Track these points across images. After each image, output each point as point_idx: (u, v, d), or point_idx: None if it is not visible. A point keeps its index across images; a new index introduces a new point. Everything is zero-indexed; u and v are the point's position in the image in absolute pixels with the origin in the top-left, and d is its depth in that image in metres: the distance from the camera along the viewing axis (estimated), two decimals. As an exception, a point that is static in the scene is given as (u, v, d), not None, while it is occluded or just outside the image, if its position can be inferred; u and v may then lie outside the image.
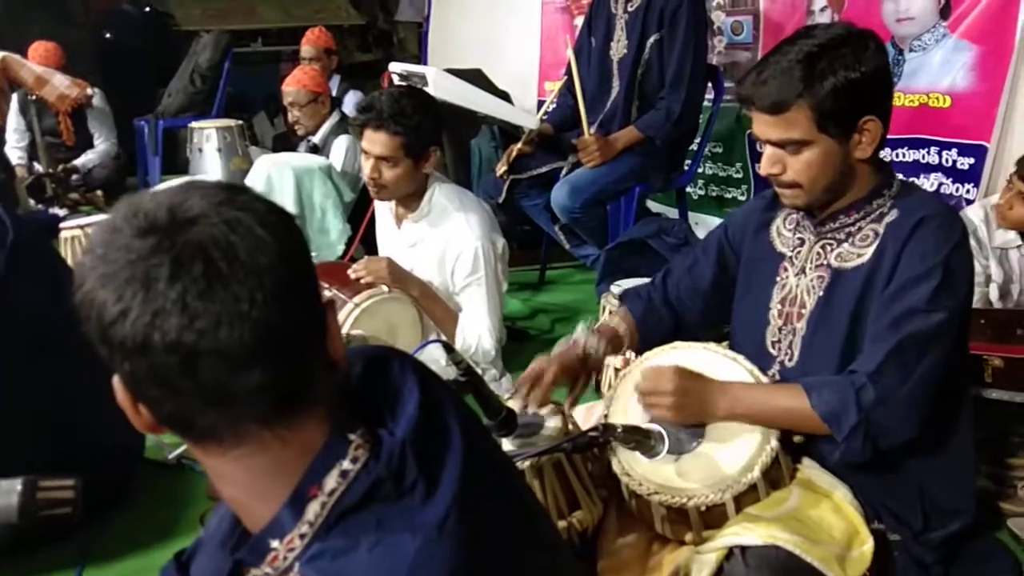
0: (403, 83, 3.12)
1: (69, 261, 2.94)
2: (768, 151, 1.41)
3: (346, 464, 0.69)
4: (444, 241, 2.40)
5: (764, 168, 1.42)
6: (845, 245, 1.44)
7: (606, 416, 1.48)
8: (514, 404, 1.47)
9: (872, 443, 1.33)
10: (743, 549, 1.26)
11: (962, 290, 1.38)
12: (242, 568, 0.72)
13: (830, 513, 1.36)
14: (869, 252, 1.41)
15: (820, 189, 1.40)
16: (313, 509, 0.68)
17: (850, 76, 1.32)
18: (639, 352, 1.64)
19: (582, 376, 1.56)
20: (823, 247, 1.47)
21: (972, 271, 1.41)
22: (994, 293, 2.24)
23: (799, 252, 1.51)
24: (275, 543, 0.68)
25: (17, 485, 0.93)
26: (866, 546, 1.33)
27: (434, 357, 1.66)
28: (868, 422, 1.31)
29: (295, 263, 0.66)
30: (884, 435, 1.33)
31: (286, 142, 4.43)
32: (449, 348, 1.35)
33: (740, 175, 3.66)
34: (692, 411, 1.38)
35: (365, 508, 0.68)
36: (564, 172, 3.07)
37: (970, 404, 1.51)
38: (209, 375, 0.62)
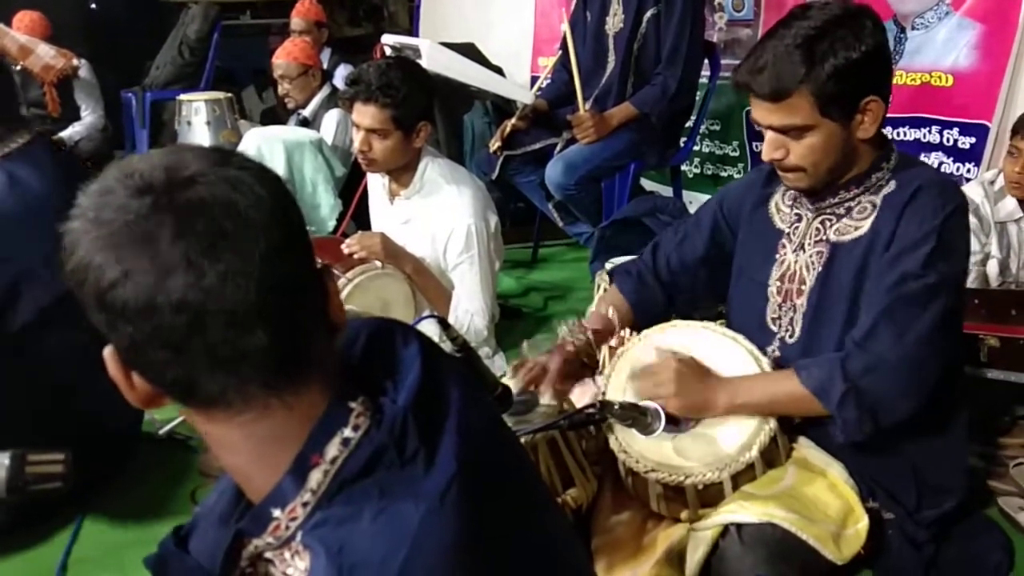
0: (395, 55, 3.08)
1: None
2: (769, 136, 1.39)
3: (347, 432, 0.68)
4: (436, 218, 2.37)
5: (766, 153, 1.40)
6: (844, 220, 1.43)
7: (603, 393, 1.47)
8: (510, 382, 1.47)
9: (870, 416, 1.32)
10: (739, 527, 1.27)
11: (957, 256, 1.36)
12: (243, 539, 0.70)
13: (825, 491, 1.36)
14: (867, 224, 1.40)
15: (823, 171, 1.39)
16: (315, 477, 0.66)
17: (850, 57, 1.29)
18: (636, 329, 1.63)
19: (581, 371, 1.57)
20: (822, 222, 1.46)
21: (968, 239, 1.40)
22: (993, 269, 2.24)
23: (797, 228, 1.49)
24: (277, 512, 0.67)
25: (5, 459, 0.91)
26: (861, 524, 1.34)
27: (427, 333, 1.64)
28: (858, 391, 1.30)
29: (293, 222, 0.67)
30: (880, 405, 1.31)
31: (275, 116, 4.37)
32: (445, 324, 1.33)
33: (736, 153, 3.64)
34: (692, 407, 1.38)
35: (368, 476, 0.67)
36: (558, 148, 3.04)
37: (964, 383, 1.51)
38: (217, 334, 0.62)
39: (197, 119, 3.64)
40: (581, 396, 1.60)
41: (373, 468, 0.67)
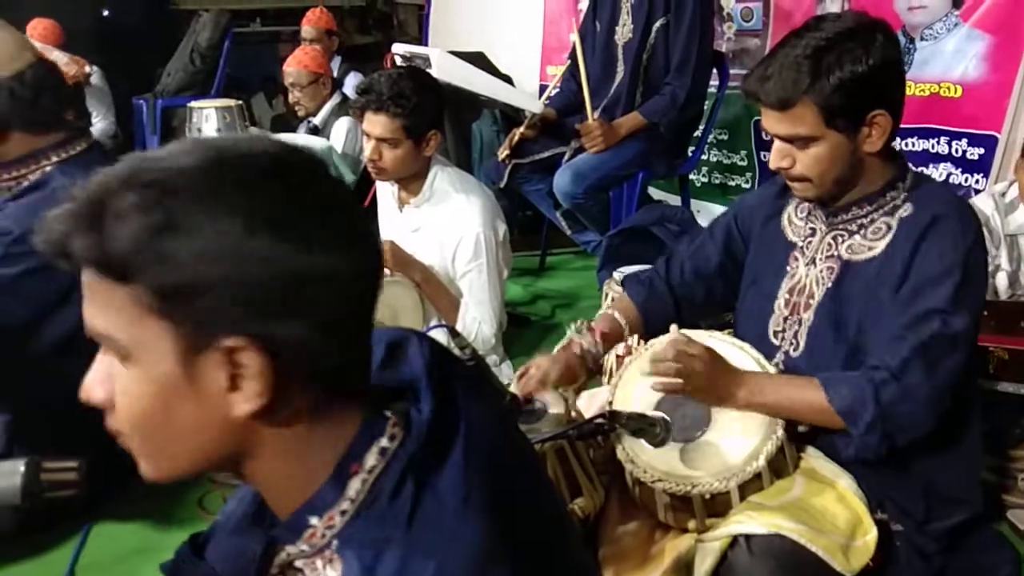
0: (405, 64, 3.09)
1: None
2: (777, 145, 1.40)
3: (384, 442, 0.68)
4: (445, 226, 2.39)
5: (773, 162, 1.41)
6: (856, 237, 1.43)
7: (611, 403, 1.47)
8: (516, 390, 1.47)
9: (889, 440, 1.32)
10: (747, 538, 1.26)
11: (981, 288, 1.38)
12: (275, 547, 0.71)
13: (834, 502, 1.35)
14: (881, 246, 1.40)
15: (830, 182, 1.39)
16: (354, 486, 0.67)
17: (857, 70, 1.30)
18: (644, 338, 1.63)
19: (583, 376, 1.55)
20: (834, 238, 1.46)
21: (987, 267, 1.42)
22: (1003, 282, 2.23)
23: (810, 242, 1.49)
24: (314, 520, 0.68)
25: (20, 466, 0.91)
26: (869, 536, 1.33)
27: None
28: (885, 418, 1.31)
29: None
30: (901, 432, 1.33)
31: (285, 124, 4.39)
32: (454, 333, 1.34)
33: (744, 163, 3.64)
34: (712, 392, 1.37)
35: (403, 485, 0.67)
36: (567, 157, 3.05)
37: (978, 397, 1.50)
38: (364, 302, 0.67)
39: (208, 126, 3.66)
40: (590, 405, 1.60)
41: (406, 477, 0.67)
